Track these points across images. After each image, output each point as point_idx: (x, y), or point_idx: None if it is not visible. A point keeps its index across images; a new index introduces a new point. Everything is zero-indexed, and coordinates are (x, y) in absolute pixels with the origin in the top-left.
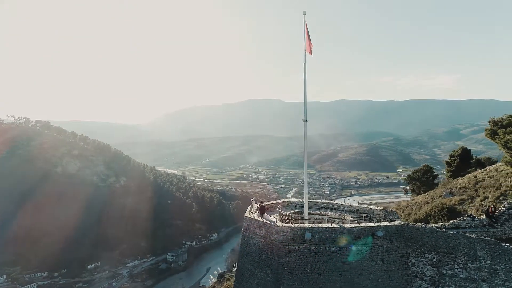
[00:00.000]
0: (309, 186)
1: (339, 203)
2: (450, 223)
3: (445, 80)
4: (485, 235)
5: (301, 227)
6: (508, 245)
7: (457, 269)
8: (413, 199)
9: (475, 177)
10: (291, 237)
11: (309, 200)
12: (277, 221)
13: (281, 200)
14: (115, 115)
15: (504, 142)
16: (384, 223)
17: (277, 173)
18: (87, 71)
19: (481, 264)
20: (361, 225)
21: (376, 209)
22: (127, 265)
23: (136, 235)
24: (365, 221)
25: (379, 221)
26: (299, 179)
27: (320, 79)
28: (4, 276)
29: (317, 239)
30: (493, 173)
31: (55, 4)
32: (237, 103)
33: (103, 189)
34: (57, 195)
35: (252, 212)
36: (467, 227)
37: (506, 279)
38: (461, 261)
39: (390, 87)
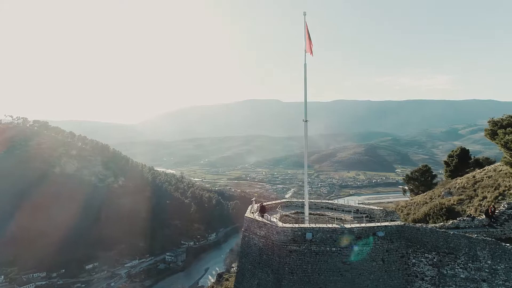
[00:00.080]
0: (308, 186)
1: (339, 203)
2: (450, 223)
3: (443, 80)
4: (485, 235)
5: (302, 227)
6: (508, 245)
7: (458, 269)
8: (412, 199)
9: (474, 177)
10: (292, 237)
11: (309, 200)
12: (278, 222)
13: (281, 200)
14: (113, 115)
15: (504, 142)
16: (384, 223)
17: (275, 173)
18: (86, 71)
19: (481, 264)
20: (362, 225)
21: (376, 209)
22: (126, 265)
23: (134, 235)
24: (365, 221)
25: (380, 221)
26: (297, 179)
27: (319, 79)
28: (1, 276)
29: (318, 239)
30: (492, 173)
31: (52, 3)
32: (236, 103)
33: (101, 189)
34: (55, 195)
35: (252, 212)
36: (467, 227)
37: (506, 279)
38: (462, 261)
39: (388, 87)
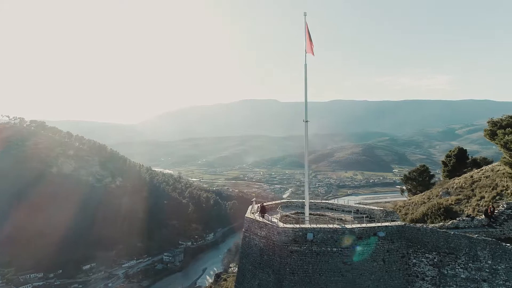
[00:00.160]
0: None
1: (339, 203)
2: (449, 223)
3: (443, 80)
4: (485, 235)
5: (303, 227)
6: (508, 245)
7: (458, 269)
8: (410, 199)
9: (472, 177)
10: (293, 237)
11: (309, 200)
12: (279, 222)
13: (281, 200)
14: (111, 115)
15: (504, 142)
16: (385, 224)
17: (273, 173)
18: (83, 71)
19: (482, 264)
20: (362, 225)
21: (376, 209)
22: (123, 265)
23: (132, 236)
24: (366, 222)
25: (380, 222)
26: (295, 179)
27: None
28: None
29: (319, 239)
30: (489, 173)
31: (49, 3)
32: (234, 103)
33: (98, 190)
34: (52, 195)
35: (253, 213)
36: (467, 227)
37: (506, 279)
38: (462, 261)
39: (385, 87)
